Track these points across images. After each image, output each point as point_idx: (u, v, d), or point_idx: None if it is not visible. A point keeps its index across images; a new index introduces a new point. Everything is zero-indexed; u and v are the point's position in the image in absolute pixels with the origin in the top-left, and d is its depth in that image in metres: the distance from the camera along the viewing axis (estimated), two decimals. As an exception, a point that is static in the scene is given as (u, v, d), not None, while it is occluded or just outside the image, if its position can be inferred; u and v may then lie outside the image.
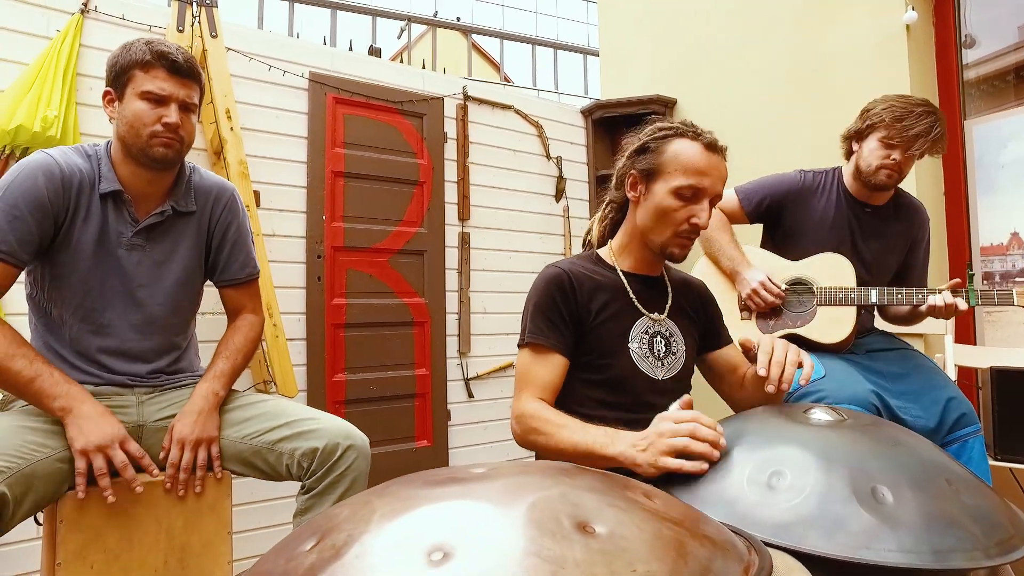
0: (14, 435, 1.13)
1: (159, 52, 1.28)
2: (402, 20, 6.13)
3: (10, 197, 1.19)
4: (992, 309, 2.37)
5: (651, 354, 1.28)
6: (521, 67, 11.83)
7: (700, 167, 1.23)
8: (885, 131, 1.72)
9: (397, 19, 7.83)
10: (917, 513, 0.77)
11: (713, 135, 1.28)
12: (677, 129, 1.28)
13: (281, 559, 0.56)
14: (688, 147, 1.24)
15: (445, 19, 6.64)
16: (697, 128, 1.28)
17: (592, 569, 0.47)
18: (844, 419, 0.96)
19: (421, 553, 0.49)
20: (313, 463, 1.27)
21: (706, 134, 1.27)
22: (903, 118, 1.69)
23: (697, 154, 1.23)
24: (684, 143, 1.25)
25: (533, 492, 0.56)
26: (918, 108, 1.69)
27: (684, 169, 1.23)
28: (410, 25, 7.16)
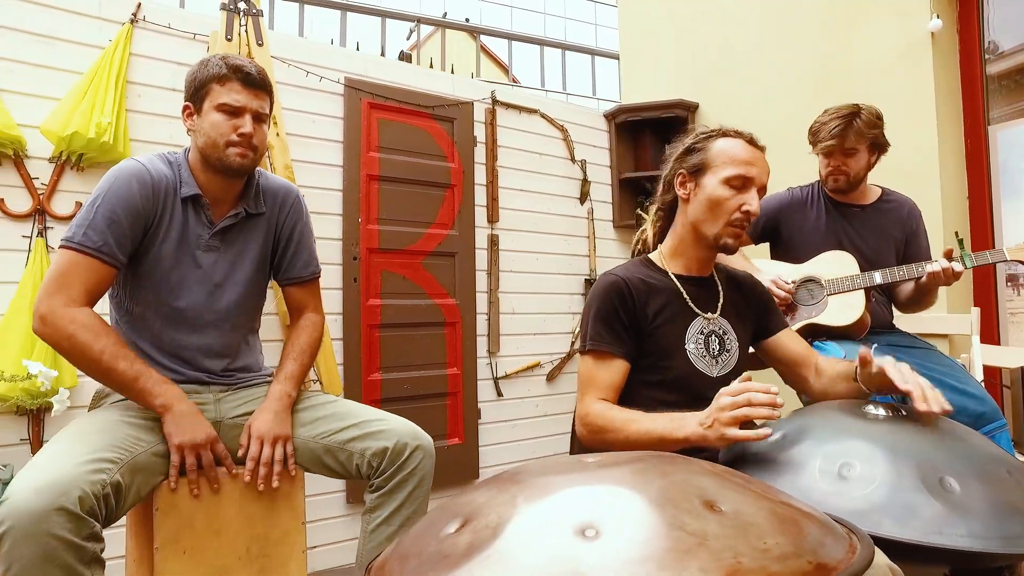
0: (118, 429, 1.20)
1: (234, 66, 1.34)
2: (411, 21, 6.17)
3: (108, 202, 1.26)
4: (1015, 309, 2.43)
5: (707, 353, 1.34)
6: (529, 69, 11.80)
7: (746, 158, 1.31)
8: (815, 146, 1.96)
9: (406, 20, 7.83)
10: (984, 501, 0.83)
11: (753, 134, 1.37)
12: (719, 130, 1.37)
13: (429, 541, 0.62)
14: (732, 143, 1.34)
15: (454, 20, 6.68)
16: (738, 129, 1.37)
17: (730, 542, 0.53)
18: (902, 414, 1.02)
19: (573, 530, 0.55)
20: (383, 462, 1.33)
21: (746, 133, 1.37)
22: (818, 131, 1.93)
23: (742, 147, 1.33)
24: (728, 140, 1.34)
25: (658, 476, 0.62)
26: (828, 117, 1.92)
27: (732, 160, 1.31)
28: (419, 26, 7.22)
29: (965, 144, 2.50)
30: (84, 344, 1.20)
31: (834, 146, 1.89)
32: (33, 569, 0.94)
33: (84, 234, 1.24)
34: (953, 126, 2.48)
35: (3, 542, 0.95)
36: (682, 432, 1.11)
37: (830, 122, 1.90)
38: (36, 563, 0.94)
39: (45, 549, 0.94)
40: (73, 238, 1.24)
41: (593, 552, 0.52)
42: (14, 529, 0.94)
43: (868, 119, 1.89)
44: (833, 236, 1.98)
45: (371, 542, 1.33)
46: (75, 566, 0.97)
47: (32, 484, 0.98)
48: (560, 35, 13.47)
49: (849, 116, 1.89)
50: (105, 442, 1.13)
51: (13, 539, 0.94)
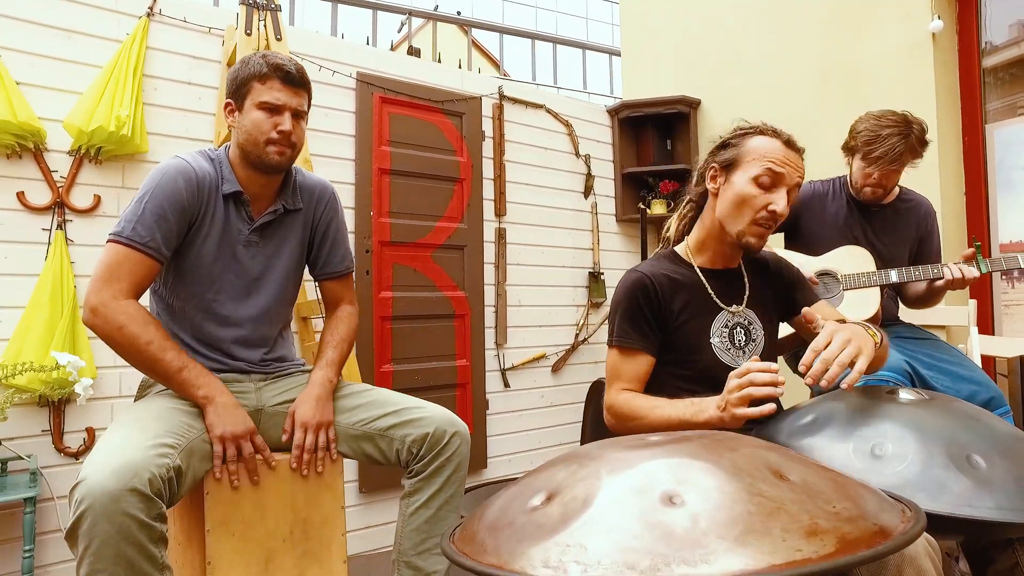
0: (172, 416, 1.24)
1: (274, 64, 1.37)
2: (403, 14, 6.15)
3: (156, 199, 1.29)
4: (1009, 301, 2.51)
5: (732, 346, 1.39)
6: (520, 63, 11.79)
7: (779, 158, 1.31)
8: (861, 155, 1.90)
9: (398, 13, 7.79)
10: (1009, 476, 0.90)
11: (792, 135, 1.37)
12: (757, 128, 1.37)
13: (516, 514, 0.66)
14: (767, 141, 1.34)
15: (445, 13, 6.65)
16: (777, 128, 1.37)
17: (804, 506, 0.58)
18: (925, 398, 1.08)
19: (658, 498, 0.60)
20: (422, 449, 1.38)
21: (784, 133, 1.36)
22: (871, 142, 1.85)
23: (776, 146, 1.33)
24: (764, 139, 1.34)
25: (727, 450, 0.67)
26: (885, 130, 1.83)
27: (762, 157, 1.31)
28: (410, 19, 7.17)
29: (963, 142, 2.58)
30: (133, 335, 1.24)
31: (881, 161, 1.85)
32: (110, 546, 0.98)
33: (133, 229, 1.27)
34: (952, 124, 2.56)
35: (83, 520, 0.99)
36: (703, 416, 1.16)
37: (889, 138, 1.82)
38: (113, 540, 0.98)
39: (121, 528, 0.98)
40: (122, 233, 1.28)
41: (682, 517, 0.57)
42: (93, 508, 0.98)
43: (919, 135, 1.85)
44: (850, 232, 2.01)
45: (410, 525, 1.37)
46: (146, 544, 1.01)
47: (108, 466, 1.02)
48: (552, 30, 13.50)
49: (906, 133, 1.83)
50: (164, 428, 1.17)
51: (93, 517, 0.98)
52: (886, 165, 1.86)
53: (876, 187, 1.94)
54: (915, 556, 0.85)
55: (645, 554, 0.54)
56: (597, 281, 3.36)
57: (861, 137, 1.89)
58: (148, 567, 1.02)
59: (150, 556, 1.02)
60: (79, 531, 0.99)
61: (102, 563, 0.99)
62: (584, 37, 12.52)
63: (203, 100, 2.31)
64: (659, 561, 0.53)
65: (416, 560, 1.37)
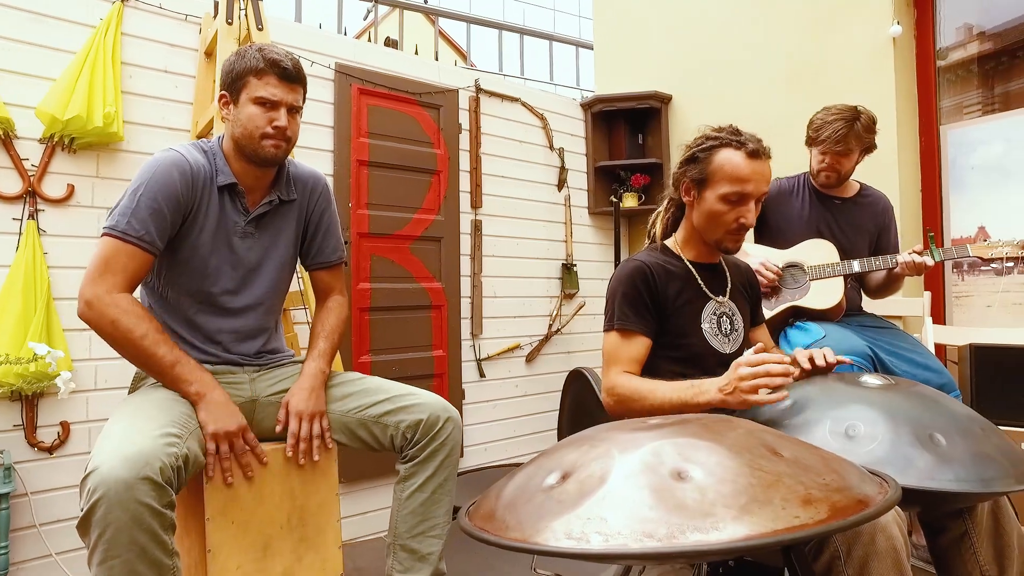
0: (173, 407, 1.25)
1: (271, 60, 1.38)
2: (369, 1, 6.08)
3: (151, 192, 1.29)
4: (960, 293, 2.67)
5: (720, 332, 1.48)
6: (487, 53, 11.75)
7: (743, 175, 1.39)
8: (814, 143, 2.08)
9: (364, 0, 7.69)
10: (966, 453, 0.99)
11: (756, 142, 1.43)
12: (721, 139, 1.43)
13: (533, 493, 0.71)
14: (732, 156, 1.40)
15: (412, 1, 6.60)
16: (741, 136, 1.43)
17: (799, 478, 0.65)
18: (891, 382, 1.17)
19: (668, 473, 0.66)
20: (416, 434, 1.41)
21: (749, 142, 1.42)
22: (819, 128, 2.04)
23: (740, 163, 1.40)
24: (728, 153, 1.41)
25: (727, 431, 0.73)
26: (831, 117, 2.02)
27: (730, 178, 1.40)
28: (377, 6, 7.10)
29: (920, 141, 2.71)
30: (127, 329, 1.24)
31: (830, 145, 2.02)
32: (124, 533, 1.00)
33: (128, 223, 1.27)
34: (910, 124, 2.69)
35: (97, 508, 1.00)
36: (703, 397, 1.23)
37: (834, 122, 2.00)
38: (127, 528, 1.00)
39: (134, 515, 1.00)
40: (116, 226, 1.27)
41: (691, 490, 0.63)
42: (107, 496, 0.99)
43: (867, 123, 2.02)
44: (815, 225, 2.14)
45: (405, 509, 1.41)
46: (158, 531, 1.03)
47: (119, 455, 1.03)
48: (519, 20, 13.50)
49: (852, 119, 2.00)
50: (168, 419, 1.18)
51: (107, 505, 0.99)
52: (831, 147, 2.02)
53: (828, 171, 2.09)
54: (887, 524, 0.94)
55: (661, 524, 0.59)
56: (570, 273, 3.43)
57: (812, 126, 2.09)
58: (159, 553, 1.04)
59: (161, 542, 1.04)
60: (92, 519, 1.01)
61: (116, 550, 1.00)
62: (551, 28, 12.53)
63: (180, 88, 2.28)
64: (675, 530, 0.58)
65: (412, 543, 1.41)
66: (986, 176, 2.59)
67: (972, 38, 2.72)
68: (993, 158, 2.58)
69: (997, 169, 2.56)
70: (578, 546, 0.59)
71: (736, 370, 1.20)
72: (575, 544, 0.60)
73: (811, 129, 2.09)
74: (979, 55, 2.70)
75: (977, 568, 1.21)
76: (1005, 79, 2.66)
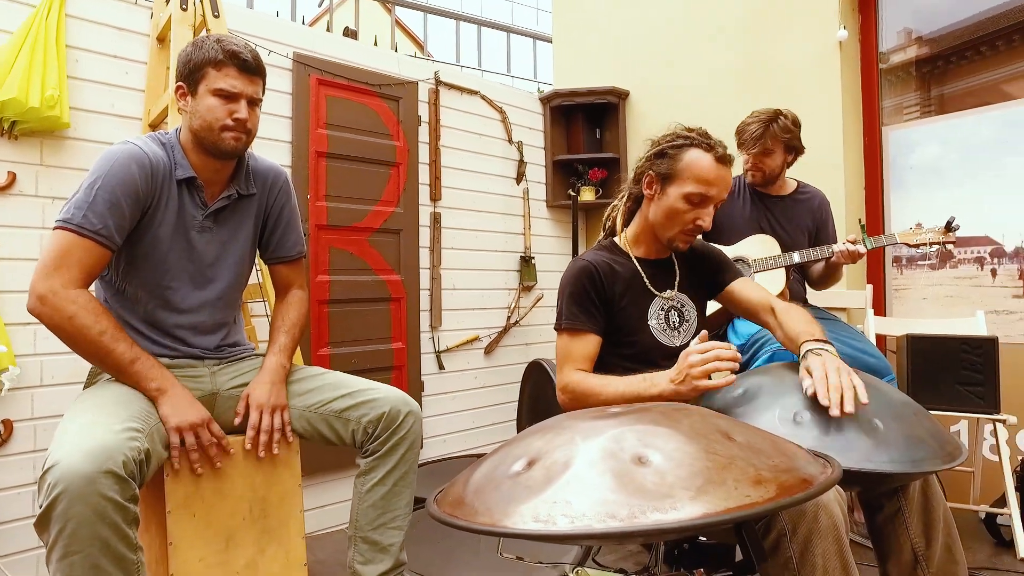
0: (133, 402, 1.23)
1: (230, 51, 1.35)
2: (324, -12, 5.99)
3: (108, 186, 1.26)
4: (899, 286, 2.81)
5: (668, 327, 1.52)
6: (445, 44, 11.70)
7: (711, 178, 1.43)
8: (738, 146, 2.23)
9: (318, -14, 7.57)
10: (900, 436, 1.06)
11: (724, 148, 1.47)
12: (693, 139, 1.47)
13: (500, 479, 0.74)
14: (702, 158, 1.44)
15: (368, -11, 6.52)
16: (711, 140, 1.47)
17: (750, 460, 0.69)
18: (835, 372, 1.24)
19: (629, 459, 0.69)
20: (378, 428, 1.42)
21: (719, 147, 1.46)
22: (742, 132, 2.20)
23: (709, 166, 1.43)
24: (698, 153, 1.44)
25: (683, 417, 0.77)
26: (750, 120, 2.18)
27: (696, 178, 1.43)
28: (332, -7, 6.96)
29: (864, 141, 2.84)
30: (84, 326, 1.22)
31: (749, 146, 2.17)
32: (86, 527, 0.98)
33: (84, 216, 1.24)
34: (854, 125, 2.81)
35: (57, 503, 0.98)
36: (655, 389, 1.28)
37: (752, 124, 2.17)
38: (89, 522, 0.99)
39: (96, 509, 0.99)
40: (72, 220, 1.24)
41: (651, 474, 0.67)
42: (68, 491, 0.98)
43: (784, 125, 2.16)
44: (756, 223, 2.25)
45: (366, 502, 1.42)
46: (121, 525, 1.02)
47: (80, 449, 1.02)
48: (476, 11, 13.43)
49: (768, 121, 2.15)
50: (128, 413, 1.16)
51: (68, 499, 0.98)
52: (751, 147, 2.17)
53: (752, 170, 2.23)
54: (828, 503, 1.00)
55: (623, 505, 0.63)
56: (528, 265, 3.46)
57: (736, 131, 2.24)
58: (123, 548, 1.03)
59: (125, 537, 1.03)
60: (52, 514, 0.99)
61: (77, 544, 0.99)
62: (509, 20, 12.53)
63: (130, 75, 2.21)
64: (636, 510, 0.62)
65: (373, 535, 1.42)
66: (923, 176, 2.73)
67: (911, 42, 2.86)
68: (929, 159, 2.72)
69: (933, 170, 2.71)
70: (545, 528, 0.62)
71: (686, 359, 1.24)
72: (543, 526, 0.63)
73: (736, 134, 2.23)
74: (917, 59, 2.84)
75: (908, 541, 1.30)
76: (940, 83, 2.80)
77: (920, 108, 2.83)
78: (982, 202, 2.58)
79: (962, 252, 2.64)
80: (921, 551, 1.30)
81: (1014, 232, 2.50)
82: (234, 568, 1.29)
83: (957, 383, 2.10)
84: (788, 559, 1.01)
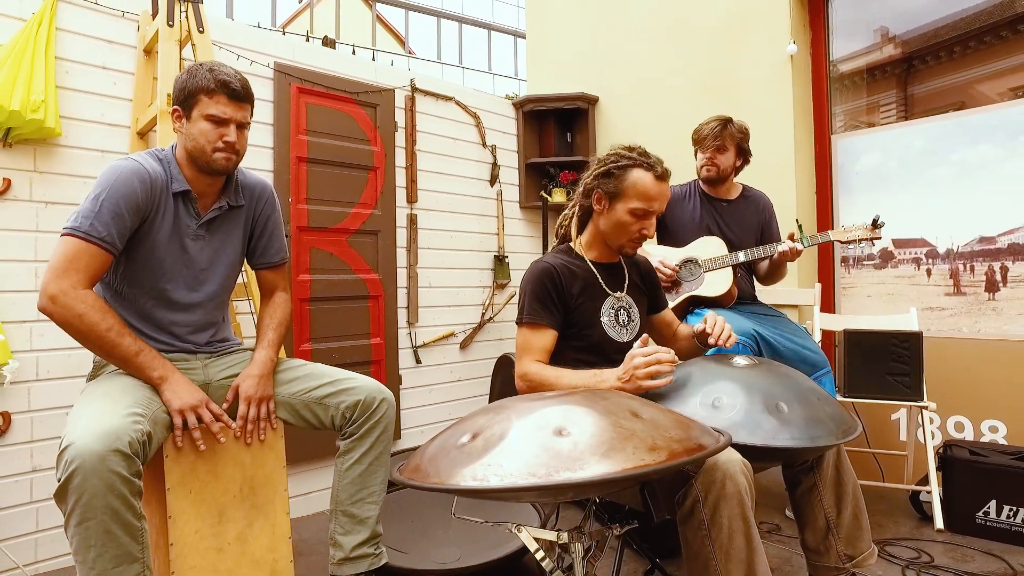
0: (135, 390, 1.38)
1: (221, 81, 1.50)
2: (304, -15, 6.09)
3: (112, 198, 1.40)
4: (846, 285, 3.01)
5: (617, 324, 1.69)
6: (426, 41, 11.77)
7: (652, 195, 1.62)
8: (695, 144, 2.45)
9: (300, -17, 7.68)
10: (801, 417, 1.24)
11: (662, 165, 1.66)
12: (635, 160, 1.65)
13: (449, 449, 0.90)
14: (643, 177, 1.62)
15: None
16: (651, 159, 1.66)
17: (649, 433, 0.86)
18: (755, 363, 1.42)
19: (552, 431, 0.86)
20: (355, 413, 1.59)
21: (657, 166, 1.65)
22: (700, 131, 2.42)
23: (650, 184, 1.62)
24: (640, 173, 1.63)
25: (600, 400, 0.94)
26: (708, 120, 2.41)
27: (640, 196, 1.62)
28: (313, -9, 7.08)
29: (814, 149, 3.04)
30: (93, 322, 1.36)
31: (706, 144, 2.38)
32: (99, 498, 1.14)
33: (91, 225, 1.38)
34: (805, 134, 3.01)
35: (74, 477, 1.14)
36: (603, 385, 1.44)
37: (710, 123, 2.39)
38: (101, 493, 1.14)
39: (107, 482, 1.14)
40: (80, 228, 1.38)
41: (567, 443, 0.83)
42: (83, 467, 1.13)
43: (739, 126, 2.40)
44: (705, 225, 2.44)
45: (345, 479, 1.59)
46: (128, 496, 1.17)
47: (92, 431, 1.17)
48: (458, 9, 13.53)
49: (725, 121, 2.38)
50: (132, 401, 1.32)
51: (83, 474, 1.13)
52: (711, 143, 2.37)
53: (709, 165, 2.42)
54: (734, 472, 1.18)
55: (542, 467, 0.79)
56: (502, 264, 3.62)
57: (694, 133, 2.45)
58: (130, 516, 1.18)
59: (131, 506, 1.18)
60: (70, 487, 1.14)
61: (91, 512, 1.14)
62: (490, 18, 12.65)
63: (118, 85, 2.33)
64: (551, 470, 0.78)
65: (351, 508, 1.58)
66: (869, 181, 2.93)
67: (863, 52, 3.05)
68: (873, 166, 2.93)
69: (878, 176, 2.91)
70: (481, 484, 0.79)
71: (631, 360, 1.40)
72: (479, 483, 0.79)
73: (694, 135, 2.46)
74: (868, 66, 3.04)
75: (822, 512, 1.49)
76: (902, 86, 3.01)
77: (895, 107, 3.03)
78: (919, 207, 2.79)
79: (902, 253, 2.84)
80: (832, 519, 1.49)
81: (945, 235, 2.71)
82: (226, 539, 1.45)
83: (887, 373, 2.30)
84: (701, 521, 1.18)
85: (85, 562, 1.17)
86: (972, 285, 2.65)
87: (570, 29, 3.97)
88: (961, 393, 2.57)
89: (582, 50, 3.89)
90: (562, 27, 4.03)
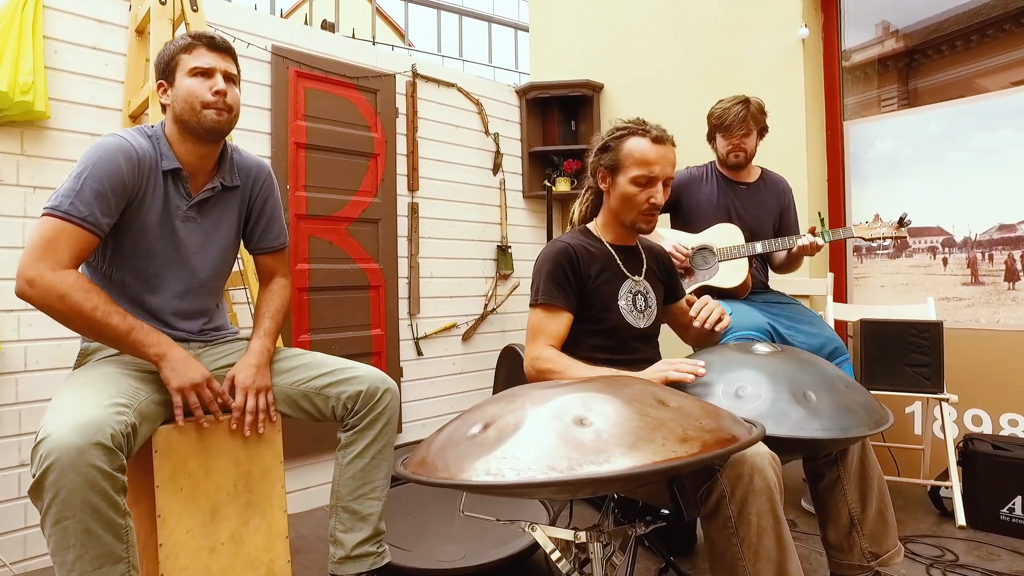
0: (120, 380, 1.29)
1: (196, 34, 1.43)
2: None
3: (96, 176, 1.30)
4: (859, 275, 2.94)
5: (635, 309, 1.61)
6: (426, 33, 11.65)
7: (650, 159, 1.54)
8: (719, 130, 2.32)
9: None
10: (831, 406, 1.16)
11: (660, 130, 1.57)
12: (630, 128, 1.58)
13: (459, 440, 0.83)
14: (639, 143, 1.55)
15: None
16: (646, 125, 1.57)
17: (679, 422, 0.78)
18: (777, 350, 1.34)
19: (571, 421, 0.78)
20: (357, 404, 1.50)
21: (653, 129, 1.57)
22: (721, 116, 2.30)
23: (647, 148, 1.54)
24: (635, 140, 1.55)
25: (623, 387, 0.86)
26: (728, 104, 2.29)
27: (637, 162, 1.54)
28: (312, -18, 6.98)
29: (826, 135, 2.95)
30: (77, 303, 1.26)
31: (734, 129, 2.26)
32: (77, 494, 1.05)
33: (71, 204, 1.28)
34: (817, 120, 2.92)
35: (50, 472, 1.05)
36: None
37: (732, 107, 2.27)
38: (79, 489, 1.05)
39: (86, 478, 1.06)
40: (59, 207, 1.28)
41: (590, 433, 0.76)
42: (60, 461, 1.04)
43: (757, 106, 2.30)
44: (723, 209, 2.34)
45: (346, 473, 1.51)
46: (110, 492, 1.09)
47: (70, 423, 1.08)
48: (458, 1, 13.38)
49: (745, 103, 2.28)
50: (116, 390, 1.23)
51: (60, 469, 1.04)
52: (738, 129, 2.26)
53: (736, 151, 2.31)
54: (763, 466, 1.10)
55: (563, 459, 0.72)
56: (505, 254, 3.55)
57: (713, 119, 2.34)
58: (112, 513, 1.10)
59: (114, 503, 1.10)
60: (45, 483, 1.05)
61: (69, 510, 1.06)
62: (491, 10, 12.51)
63: (110, 66, 2.25)
64: (574, 463, 0.71)
65: (353, 504, 1.50)
66: (882, 168, 2.85)
67: (882, 37, 2.97)
68: (887, 152, 2.84)
69: (892, 162, 2.83)
70: (495, 480, 0.71)
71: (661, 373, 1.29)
72: (493, 479, 0.71)
73: (713, 119, 2.34)
74: (880, 56, 2.96)
75: (846, 507, 1.41)
76: (913, 78, 2.92)
77: (897, 101, 2.95)
78: (934, 194, 2.71)
79: (917, 242, 2.77)
80: (857, 515, 1.41)
81: (963, 223, 2.63)
82: (219, 539, 1.37)
83: (906, 364, 2.23)
84: (727, 518, 1.11)
85: (64, 564, 1.08)
86: (991, 274, 2.57)
87: (574, 16, 3.89)
88: (980, 386, 2.50)
89: (586, 38, 3.80)
90: (566, 13, 3.94)
